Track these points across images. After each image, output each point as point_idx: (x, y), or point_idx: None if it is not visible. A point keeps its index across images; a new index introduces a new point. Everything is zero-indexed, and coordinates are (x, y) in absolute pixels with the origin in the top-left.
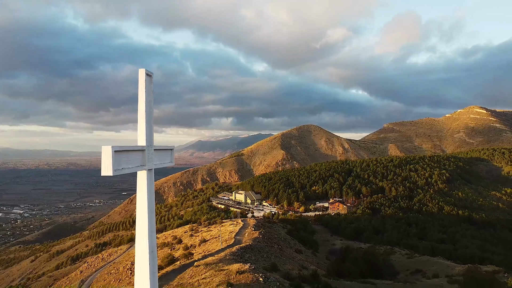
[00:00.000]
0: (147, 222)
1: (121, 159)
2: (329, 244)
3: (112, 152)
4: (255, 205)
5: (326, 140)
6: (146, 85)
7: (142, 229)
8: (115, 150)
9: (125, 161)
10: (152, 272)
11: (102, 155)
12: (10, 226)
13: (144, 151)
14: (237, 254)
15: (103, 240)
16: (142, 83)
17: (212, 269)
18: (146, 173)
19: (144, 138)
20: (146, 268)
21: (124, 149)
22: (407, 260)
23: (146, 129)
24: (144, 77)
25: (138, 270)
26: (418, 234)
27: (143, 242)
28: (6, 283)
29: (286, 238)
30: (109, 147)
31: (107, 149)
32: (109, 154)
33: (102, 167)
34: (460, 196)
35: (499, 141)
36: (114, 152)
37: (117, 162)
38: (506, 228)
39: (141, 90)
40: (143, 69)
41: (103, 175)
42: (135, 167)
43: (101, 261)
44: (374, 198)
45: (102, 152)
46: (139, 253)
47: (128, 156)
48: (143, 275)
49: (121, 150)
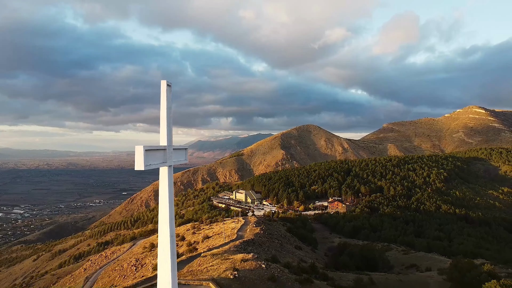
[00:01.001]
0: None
1: (149, 157)
2: (328, 242)
3: (143, 151)
4: (256, 204)
5: (325, 140)
6: (167, 94)
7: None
8: (145, 149)
9: (152, 158)
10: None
11: (135, 153)
12: (11, 226)
13: (165, 150)
14: (240, 247)
15: (104, 239)
16: (163, 93)
17: (218, 258)
18: (167, 169)
19: (165, 139)
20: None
21: (151, 148)
22: (403, 256)
23: (167, 131)
24: (165, 87)
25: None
26: (415, 231)
27: (165, 227)
28: (9, 281)
29: (286, 235)
30: (141, 146)
31: (139, 148)
32: (141, 153)
33: (135, 163)
34: (457, 195)
35: (498, 141)
36: (145, 151)
37: (147, 159)
38: (502, 226)
39: (162, 98)
40: (165, 81)
41: (136, 169)
42: (159, 164)
43: (105, 259)
44: (372, 197)
45: (136, 151)
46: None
47: (154, 154)
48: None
49: (149, 149)
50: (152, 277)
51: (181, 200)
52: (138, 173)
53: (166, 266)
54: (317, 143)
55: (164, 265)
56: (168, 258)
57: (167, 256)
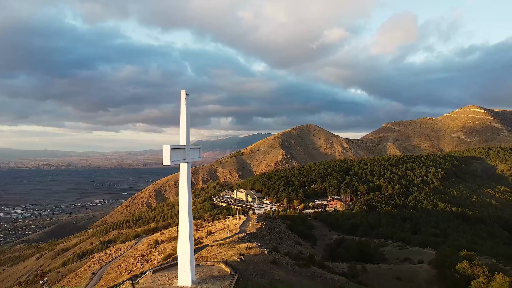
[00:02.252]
0: (186, 200)
1: (173, 154)
2: (327, 239)
3: (170, 149)
4: (256, 203)
5: (325, 139)
6: (186, 102)
7: (184, 204)
8: (171, 148)
9: (175, 155)
10: (190, 235)
11: (163, 151)
12: (12, 226)
13: (185, 149)
14: (243, 239)
15: (107, 238)
16: (183, 101)
17: (225, 247)
18: (186, 165)
19: (184, 140)
20: (187, 232)
21: (175, 147)
22: (398, 250)
23: (186, 133)
24: (184, 96)
25: (181, 232)
26: (411, 229)
27: (184, 213)
28: (13, 280)
29: (286, 232)
30: (168, 146)
31: (167, 147)
32: (168, 150)
33: (163, 159)
34: (454, 193)
35: (496, 140)
36: (171, 149)
37: (172, 156)
38: (497, 223)
39: (182, 105)
40: (184, 90)
41: (164, 164)
42: (180, 160)
43: (109, 256)
44: (371, 196)
45: (164, 149)
46: (182, 222)
47: (176, 152)
48: (185, 235)
49: (173, 148)
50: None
51: None
52: (138, 173)
53: (185, 246)
54: (317, 142)
55: (184, 244)
56: (187, 238)
57: (186, 236)
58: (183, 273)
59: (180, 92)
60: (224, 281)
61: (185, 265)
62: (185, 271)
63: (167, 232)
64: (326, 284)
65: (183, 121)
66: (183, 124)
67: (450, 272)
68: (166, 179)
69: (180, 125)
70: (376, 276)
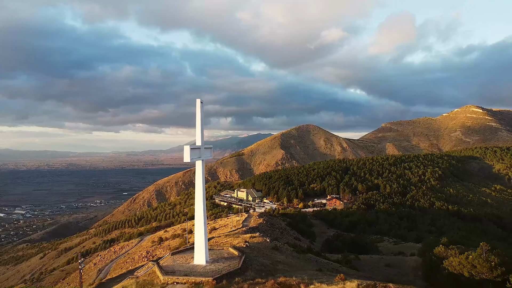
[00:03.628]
0: (201, 191)
1: (191, 153)
2: (326, 236)
3: (189, 148)
4: (256, 202)
5: (325, 139)
6: (201, 109)
7: (199, 196)
8: (190, 148)
9: (193, 154)
10: (204, 221)
11: (184, 150)
12: (13, 226)
13: (200, 148)
14: (247, 231)
15: (110, 237)
16: (198, 108)
17: (231, 237)
18: (201, 162)
19: (200, 141)
20: (201, 218)
21: (193, 147)
22: (393, 246)
23: (201, 135)
24: (199, 104)
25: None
26: (408, 226)
27: (200, 203)
28: (18, 278)
29: (286, 229)
30: (188, 146)
31: (187, 147)
32: (188, 150)
33: (184, 157)
34: (451, 192)
35: (494, 140)
36: (190, 149)
37: (191, 154)
38: (492, 221)
39: (198, 112)
40: (199, 99)
41: (184, 161)
42: (196, 158)
43: (114, 254)
44: (369, 195)
45: (184, 149)
46: (198, 210)
47: (193, 151)
48: (200, 222)
49: (192, 148)
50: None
51: (183, 199)
52: (138, 173)
53: (200, 230)
54: (317, 142)
55: (199, 229)
56: (202, 223)
57: (201, 222)
58: (198, 253)
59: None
60: (233, 261)
61: (200, 246)
62: (201, 252)
63: (171, 230)
64: (320, 265)
65: (198, 125)
66: (198, 127)
67: (429, 255)
68: (166, 179)
69: (196, 128)
70: (367, 264)
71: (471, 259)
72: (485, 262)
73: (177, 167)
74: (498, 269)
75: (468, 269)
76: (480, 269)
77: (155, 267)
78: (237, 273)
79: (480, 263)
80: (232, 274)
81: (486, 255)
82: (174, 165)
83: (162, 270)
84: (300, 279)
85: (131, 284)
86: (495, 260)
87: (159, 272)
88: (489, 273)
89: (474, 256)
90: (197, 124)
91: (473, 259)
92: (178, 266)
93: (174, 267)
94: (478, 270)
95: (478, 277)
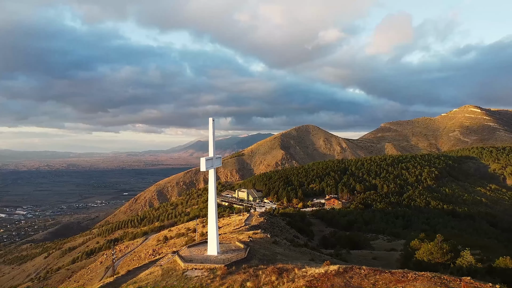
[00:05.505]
0: (213, 193)
1: (206, 163)
2: (324, 234)
3: (205, 160)
4: (257, 202)
5: (324, 139)
6: (213, 126)
7: (211, 196)
8: (206, 159)
9: (207, 164)
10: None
11: (200, 161)
12: (15, 227)
13: (212, 159)
14: (249, 229)
15: (113, 236)
16: (210, 125)
17: (235, 234)
18: (213, 170)
19: (212, 152)
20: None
21: (207, 158)
22: (387, 243)
23: (213, 148)
24: (211, 122)
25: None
26: (403, 225)
27: (212, 202)
28: (23, 277)
29: (286, 227)
30: (204, 158)
31: (203, 159)
32: (204, 161)
33: (200, 167)
34: (446, 192)
35: (493, 139)
36: (205, 160)
37: (206, 164)
38: (485, 220)
39: (210, 129)
40: (211, 118)
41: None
42: (210, 167)
43: (119, 252)
44: (367, 195)
45: (201, 160)
46: (210, 208)
47: (208, 161)
48: (212, 219)
49: (206, 159)
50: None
51: (185, 199)
52: (139, 173)
53: (213, 225)
54: (316, 143)
55: (211, 224)
56: (214, 220)
57: (213, 218)
58: (211, 246)
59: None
60: (240, 252)
61: (213, 240)
62: (213, 244)
63: (175, 229)
64: (313, 256)
65: (211, 140)
66: (211, 142)
67: (407, 248)
68: (168, 180)
69: (209, 143)
70: (356, 257)
71: (430, 247)
72: (440, 249)
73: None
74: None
75: (427, 255)
76: (436, 255)
77: (176, 256)
78: (244, 261)
79: (435, 250)
80: (240, 262)
81: (441, 244)
82: (174, 165)
83: (183, 258)
84: (295, 265)
85: (157, 270)
86: (446, 248)
87: (180, 261)
88: (441, 258)
89: (431, 245)
90: (210, 139)
91: (431, 248)
92: (195, 256)
93: (191, 257)
94: (434, 256)
95: (433, 261)
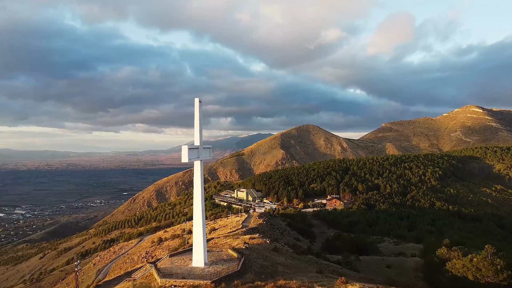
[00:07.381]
0: (200, 192)
1: (190, 153)
2: (326, 236)
3: (188, 148)
4: (256, 202)
5: (325, 139)
6: (199, 108)
7: (197, 196)
8: (188, 148)
9: (191, 154)
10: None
11: (182, 150)
12: (13, 226)
13: (198, 148)
14: (246, 232)
15: (110, 237)
16: (197, 107)
17: (230, 238)
18: (199, 162)
19: (198, 140)
20: (200, 219)
21: (191, 147)
22: (394, 246)
23: (199, 135)
24: (197, 103)
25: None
26: (408, 226)
27: (198, 203)
28: (17, 278)
29: (286, 229)
30: (186, 146)
31: (185, 147)
32: (186, 150)
33: (182, 157)
34: (451, 192)
35: (495, 140)
36: (188, 149)
37: (189, 154)
38: (492, 221)
39: (196, 111)
40: (197, 98)
41: (182, 162)
42: (195, 158)
43: (113, 254)
44: (369, 195)
45: (182, 149)
46: (196, 210)
47: (192, 151)
48: (198, 223)
49: (190, 148)
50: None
51: (183, 199)
52: (138, 173)
53: (199, 231)
54: (316, 142)
55: (197, 230)
56: (200, 224)
57: (200, 222)
58: (197, 255)
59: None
60: (232, 263)
61: (199, 248)
62: (199, 253)
63: (170, 230)
64: (321, 267)
65: (197, 125)
66: (196, 127)
67: (431, 257)
68: (166, 179)
69: (194, 128)
70: (368, 265)
71: (475, 262)
72: (491, 265)
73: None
74: (504, 273)
75: (473, 272)
76: (486, 273)
77: (152, 269)
78: (236, 276)
79: (485, 266)
80: (231, 276)
81: (492, 258)
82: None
83: (160, 272)
84: (301, 282)
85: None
86: (500, 263)
87: (157, 275)
88: (494, 276)
89: (479, 259)
90: (196, 123)
91: (478, 262)
92: (176, 268)
93: (172, 270)
94: (483, 273)
95: (483, 280)
